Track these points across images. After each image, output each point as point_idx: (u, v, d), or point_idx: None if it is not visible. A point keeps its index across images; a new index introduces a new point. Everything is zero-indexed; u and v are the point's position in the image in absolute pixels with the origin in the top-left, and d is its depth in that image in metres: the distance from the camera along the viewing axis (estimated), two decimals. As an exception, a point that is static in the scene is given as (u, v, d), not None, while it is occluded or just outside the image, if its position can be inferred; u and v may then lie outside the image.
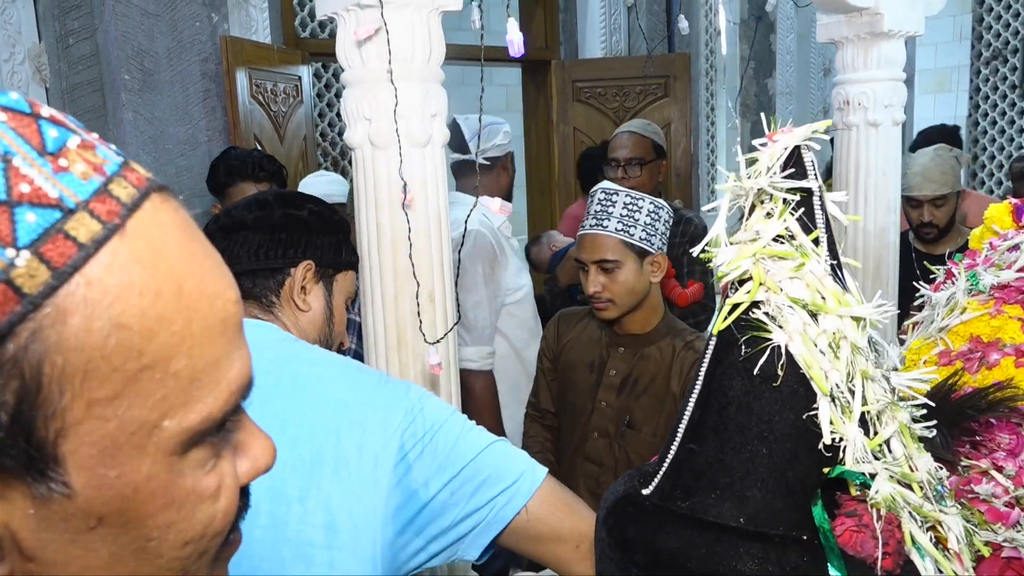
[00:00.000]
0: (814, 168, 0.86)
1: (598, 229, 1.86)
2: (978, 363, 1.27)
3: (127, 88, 3.39)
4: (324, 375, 1.10)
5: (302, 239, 1.22)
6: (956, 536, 0.78)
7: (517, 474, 1.08)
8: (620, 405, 1.90)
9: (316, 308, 1.24)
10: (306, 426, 1.04)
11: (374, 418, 1.05)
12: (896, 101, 2.02)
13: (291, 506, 1.00)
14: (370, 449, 1.03)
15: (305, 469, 1.01)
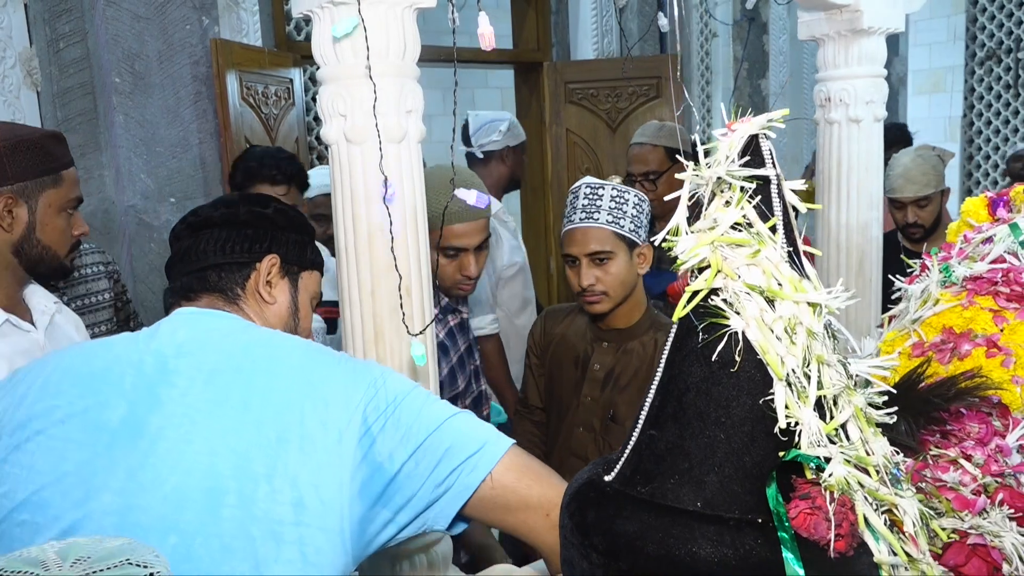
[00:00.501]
0: (772, 157, 0.87)
1: (589, 222, 1.87)
2: (950, 354, 1.28)
3: (118, 91, 3.40)
4: (286, 357, 1.12)
5: (267, 234, 1.25)
6: (912, 519, 0.79)
7: (480, 443, 1.10)
8: (604, 399, 1.92)
9: (281, 302, 1.25)
10: (270, 406, 1.06)
11: (337, 394, 1.07)
12: (877, 97, 2.03)
13: (258, 484, 1.01)
14: (334, 425, 1.05)
15: (271, 448, 1.03)
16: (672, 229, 0.88)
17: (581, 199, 1.89)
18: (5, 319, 1.58)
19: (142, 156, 3.44)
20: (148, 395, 1.08)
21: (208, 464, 1.03)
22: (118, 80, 3.39)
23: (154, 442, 1.04)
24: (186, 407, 1.06)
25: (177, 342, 1.13)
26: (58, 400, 1.08)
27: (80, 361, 1.14)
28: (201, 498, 1.01)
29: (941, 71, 8.22)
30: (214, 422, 1.05)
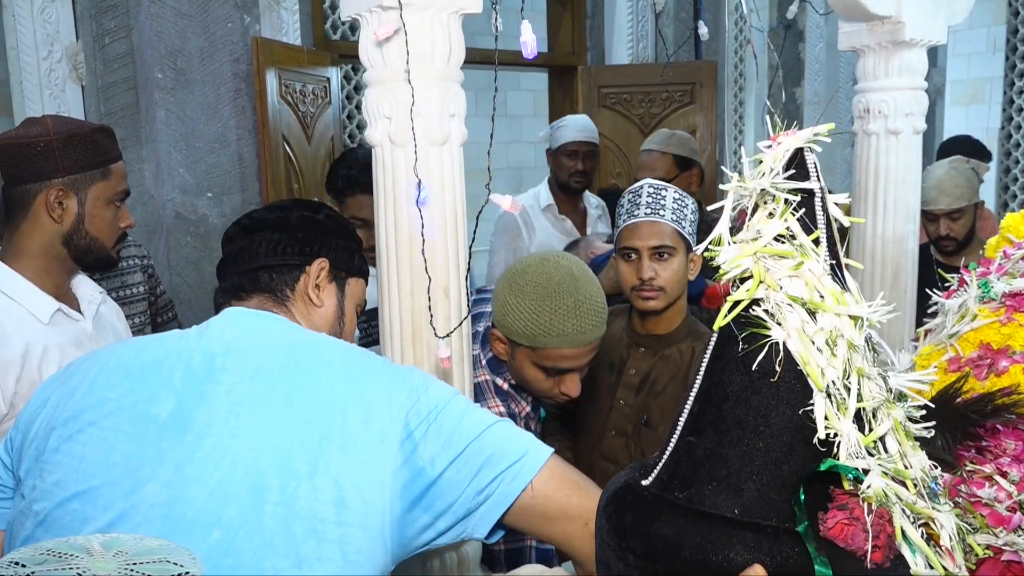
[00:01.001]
0: (816, 170, 0.87)
1: (655, 217, 1.88)
2: (987, 370, 1.28)
3: (160, 87, 3.46)
4: (330, 358, 1.14)
5: (318, 239, 1.28)
6: (948, 534, 0.80)
7: (521, 452, 1.11)
8: (638, 404, 1.92)
9: (328, 306, 1.28)
10: (313, 405, 1.08)
11: (379, 397, 1.09)
12: (917, 110, 2.02)
13: (301, 482, 1.03)
14: (376, 426, 1.07)
15: (313, 446, 1.05)
16: (715, 239, 0.89)
17: (644, 196, 1.90)
18: (57, 308, 1.62)
19: (181, 151, 3.50)
20: (196, 390, 1.10)
21: (252, 460, 1.05)
22: (160, 76, 3.46)
23: (200, 437, 1.07)
24: (231, 403, 1.09)
25: (225, 340, 1.16)
26: (109, 393, 1.11)
27: (132, 355, 1.17)
28: (245, 494, 1.04)
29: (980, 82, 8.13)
30: (258, 419, 1.08)
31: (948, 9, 2.03)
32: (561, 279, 1.61)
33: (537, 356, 1.64)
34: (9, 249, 1.62)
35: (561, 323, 1.59)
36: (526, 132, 7.73)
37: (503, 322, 1.63)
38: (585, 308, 1.62)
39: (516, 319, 1.61)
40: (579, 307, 1.61)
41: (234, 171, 3.61)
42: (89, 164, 1.62)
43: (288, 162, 3.68)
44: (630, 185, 2.01)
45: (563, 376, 1.68)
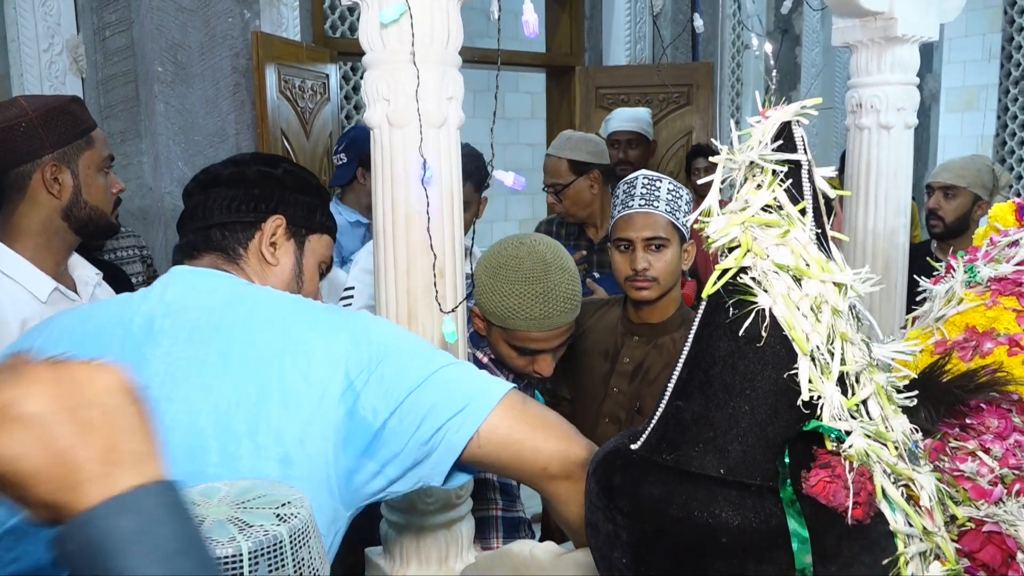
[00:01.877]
0: (803, 143, 0.90)
1: (649, 208, 1.89)
2: (972, 351, 1.30)
3: (160, 80, 3.48)
4: (268, 312, 1.12)
5: (274, 195, 1.24)
6: (928, 494, 0.82)
7: (466, 400, 1.08)
8: (631, 392, 1.95)
9: (285, 264, 1.25)
10: (249, 362, 1.06)
11: (318, 348, 1.07)
12: (908, 105, 2.05)
13: (241, 442, 1.02)
14: (317, 379, 1.05)
15: (251, 404, 1.03)
16: (705, 210, 0.91)
17: (639, 188, 1.92)
18: (55, 287, 1.64)
19: (180, 144, 3.52)
20: (135, 354, 1.09)
21: (189, 423, 1.03)
22: (160, 69, 3.48)
23: None
24: (167, 366, 1.07)
25: (166, 301, 1.14)
26: None
27: (77, 321, 1.16)
28: (184, 457, 1.01)
29: (975, 89, 8.18)
30: (193, 380, 1.06)
31: (940, 6, 2.06)
32: (533, 265, 1.66)
33: (508, 336, 1.70)
34: (7, 231, 1.63)
35: (529, 308, 1.65)
36: (524, 134, 7.76)
37: (480, 301, 1.70)
38: (554, 295, 1.66)
39: (490, 300, 1.67)
40: (547, 293, 1.66)
41: (233, 165, 3.62)
42: (73, 135, 1.64)
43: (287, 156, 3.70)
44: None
45: (535, 356, 1.73)
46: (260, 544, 0.77)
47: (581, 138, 3.00)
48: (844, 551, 0.77)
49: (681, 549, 0.80)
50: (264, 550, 0.77)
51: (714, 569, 0.78)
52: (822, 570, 0.76)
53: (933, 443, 1.01)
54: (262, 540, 0.77)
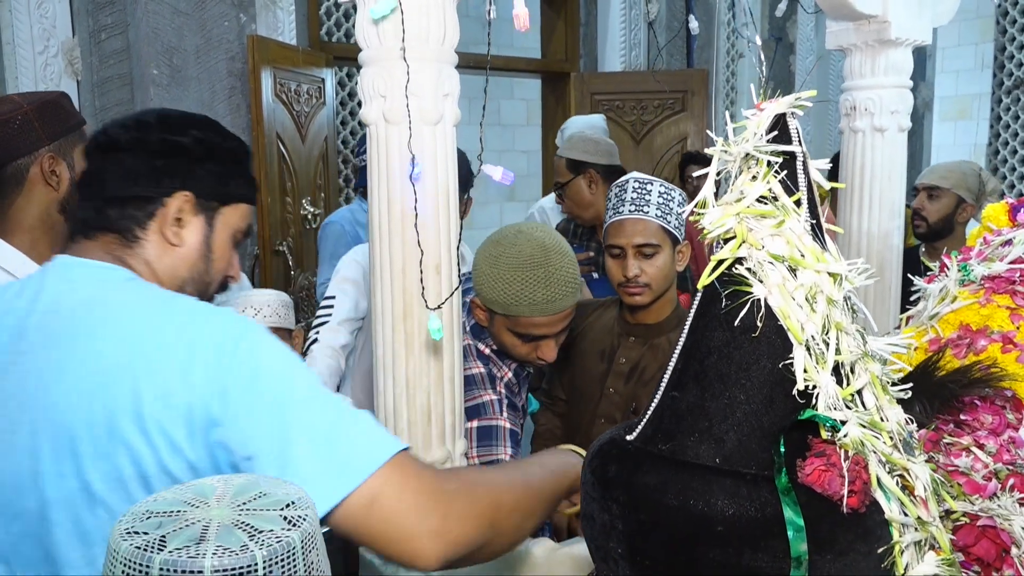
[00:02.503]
0: (798, 135, 0.90)
1: (639, 214, 1.89)
2: (966, 349, 1.31)
3: (155, 83, 3.49)
4: (123, 320, 0.99)
5: (181, 168, 1.10)
6: (923, 484, 0.82)
7: (318, 481, 0.94)
8: (627, 392, 1.95)
9: (191, 243, 1.12)
10: (96, 376, 0.95)
11: (176, 372, 0.94)
12: (902, 108, 2.06)
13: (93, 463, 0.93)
14: (178, 403, 0.94)
15: (100, 426, 0.93)
16: (700, 202, 0.91)
17: (630, 192, 1.92)
18: None
19: (176, 147, 3.51)
20: (6, 351, 1.02)
21: (31, 446, 0.95)
22: (156, 72, 3.48)
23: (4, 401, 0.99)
24: (22, 378, 0.99)
25: (41, 300, 1.04)
26: None
27: None
28: (31, 482, 0.95)
29: (968, 98, 8.21)
30: (41, 396, 0.96)
31: (933, 10, 2.07)
32: (533, 251, 1.67)
33: (512, 324, 1.70)
34: (3, 225, 1.63)
35: (532, 293, 1.66)
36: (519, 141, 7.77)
37: (481, 291, 1.70)
38: (556, 279, 1.67)
39: (492, 288, 1.68)
40: (549, 278, 1.67)
41: (228, 168, 3.62)
42: (67, 128, 1.65)
43: (282, 161, 3.70)
44: None
45: (539, 342, 1.74)
46: (274, 552, 0.75)
47: (580, 137, 3.02)
48: (839, 539, 0.77)
49: (676, 538, 0.80)
50: (278, 558, 0.75)
51: (709, 558, 0.78)
52: (817, 558, 0.76)
53: (928, 434, 1.01)
54: (276, 548, 0.75)
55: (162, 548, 0.73)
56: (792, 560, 0.76)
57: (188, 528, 0.76)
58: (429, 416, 1.42)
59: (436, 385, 1.42)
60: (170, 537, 0.74)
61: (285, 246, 3.70)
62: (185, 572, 0.71)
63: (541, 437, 2.14)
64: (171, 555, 0.73)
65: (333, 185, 4.20)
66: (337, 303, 2.28)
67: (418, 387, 1.40)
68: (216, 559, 0.73)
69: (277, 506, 0.81)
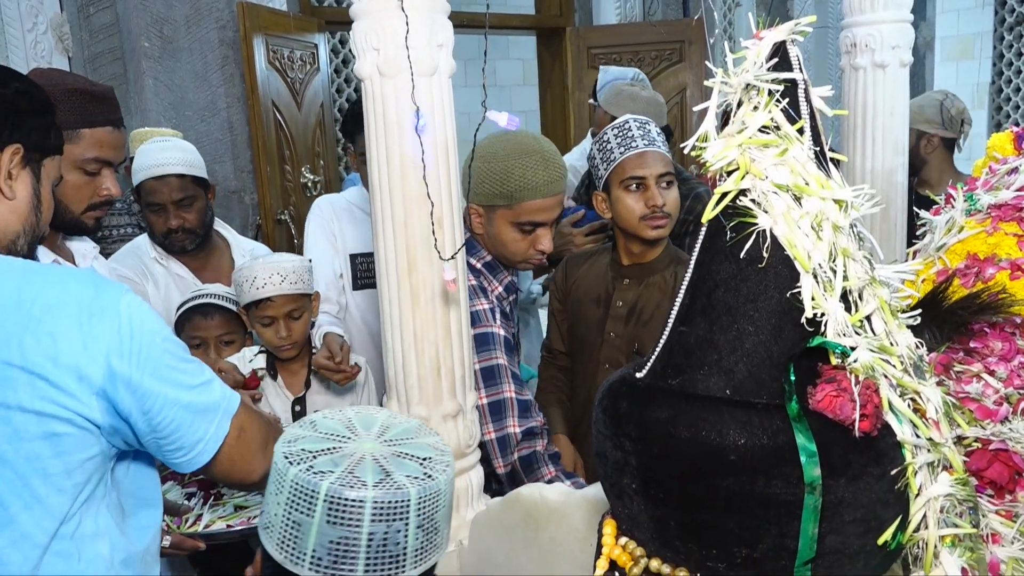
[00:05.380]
0: (799, 62, 0.89)
1: (653, 147, 1.95)
2: (974, 277, 1.30)
3: (147, 56, 3.45)
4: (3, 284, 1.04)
5: (8, 121, 1.11)
6: (935, 406, 0.82)
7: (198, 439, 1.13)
8: (628, 334, 1.96)
9: (22, 196, 1.15)
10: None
11: (67, 328, 1.02)
12: (903, 42, 2.03)
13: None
14: (69, 362, 1.01)
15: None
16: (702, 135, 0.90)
17: (635, 130, 1.96)
18: (53, 259, 1.64)
19: (171, 120, 3.50)
20: None
21: None
22: (147, 45, 3.44)
23: None
24: None
25: None
26: None
27: None
28: None
29: (970, 37, 8.10)
30: None
31: (932, -60, 2.02)
32: (524, 139, 1.82)
33: (514, 214, 1.82)
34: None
35: (533, 176, 1.79)
36: (516, 102, 7.71)
37: (480, 190, 1.82)
38: (551, 161, 1.82)
39: (492, 182, 1.80)
40: (546, 160, 1.81)
41: (225, 139, 3.60)
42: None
43: (279, 129, 3.68)
44: None
45: (536, 234, 1.84)
46: (425, 491, 0.85)
47: (630, 95, 2.77)
48: (852, 463, 0.77)
49: (690, 470, 0.80)
50: (428, 496, 0.86)
51: (723, 487, 0.78)
52: (831, 483, 0.77)
53: (938, 357, 1.01)
54: (389, 499, 0.84)
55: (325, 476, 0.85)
56: (806, 486, 0.76)
57: (347, 458, 0.86)
58: (439, 370, 1.42)
59: (444, 339, 1.42)
60: (332, 465, 0.85)
61: (287, 215, 3.69)
62: (349, 500, 0.81)
63: (544, 390, 2.15)
64: (335, 484, 0.83)
65: (332, 153, 4.18)
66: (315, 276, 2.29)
67: (426, 341, 1.40)
68: (376, 491, 0.83)
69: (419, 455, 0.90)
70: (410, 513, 0.84)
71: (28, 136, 1.14)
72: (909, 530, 0.81)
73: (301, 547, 0.83)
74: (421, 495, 0.85)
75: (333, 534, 0.82)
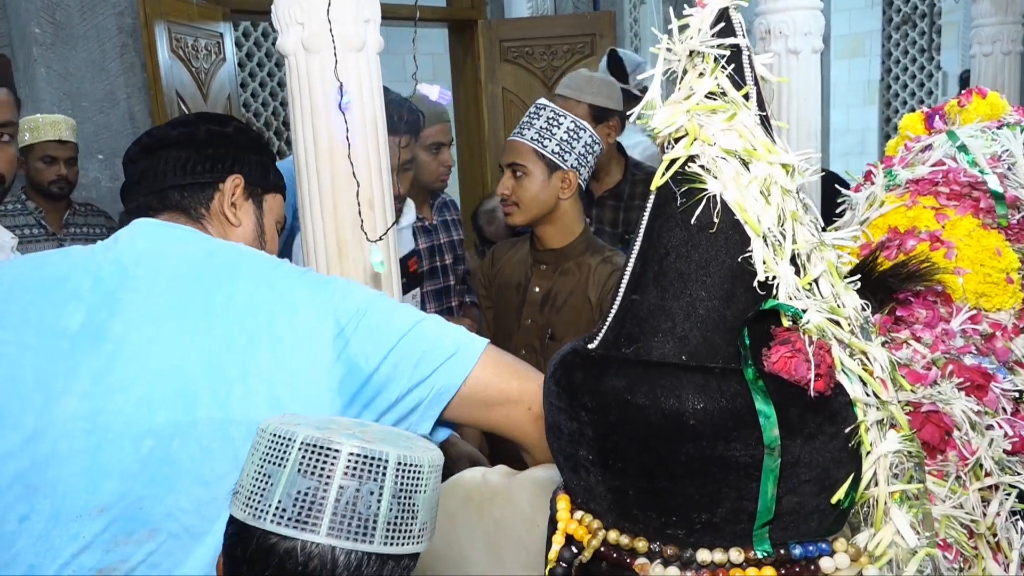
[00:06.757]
0: (742, 28, 0.89)
1: (517, 136, 2.01)
2: (896, 250, 1.34)
3: (38, 42, 3.26)
4: (247, 263, 1.12)
5: (229, 154, 1.21)
6: (881, 365, 0.84)
7: (455, 345, 1.11)
8: (543, 320, 2.00)
9: (247, 224, 1.23)
10: (234, 309, 1.05)
11: (303, 300, 1.08)
12: (815, 29, 2.10)
13: (233, 386, 1.02)
14: (304, 326, 1.06)
15: (240, 349, 1.03)
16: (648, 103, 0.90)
17: (525, 116, 2.02)
18: None
19: (67, 111, 3.30)
20: (108, 300, 1.06)
21: (177, 367, 1.02)
22: (38, 31, 3.25)
23: (119, 345, 1.03)
24: (148, 311, 1.05)
25: (137, 251, 1.11)
26: (10, 306, 1.06)
27: (31, 269, 1.11)
28: (174, 400, 1.01)
29: (860, 36, 8.47)
30: (178, 325, 1.04)
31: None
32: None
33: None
34: None
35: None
36: (426, 96, 7.65)
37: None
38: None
39: None
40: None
41: (126, 131, 3.43)
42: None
43: (184, 120, 3.52)
44: None
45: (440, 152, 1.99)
46: (406, 459, 0.83)
47: (603, 81, 2.70)
48: (808, 423, 0.78)
49: (649, 436, 0.79)
50: (408, 464, 0.83)
51: (683, 452, 0.78)
52: (788, 443, 0.77)
53: (882, 319, 1.03)
54: (408, 456, 0.83)
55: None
56: (765, 447, 0.76)
57: (329, 426, 0.87)
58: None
59: (377, 324, 1.38)
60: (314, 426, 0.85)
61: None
62: (324, 447, 0.80)
63: None
64: (313, 432, 0.82)
65: (240, 145, 4.04)
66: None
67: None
68: (353, 443, 0.81)
69: (399, 441, 0.89)
70: (386, 476, 0.81)
71: (248, 169, 1.22)
72: (860, 488, 0.82)
73: (267, 500, 0.80)
74: (400, 460, 0.82)
75: (302, 484, 0.79)
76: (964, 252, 1.30)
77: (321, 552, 0.79)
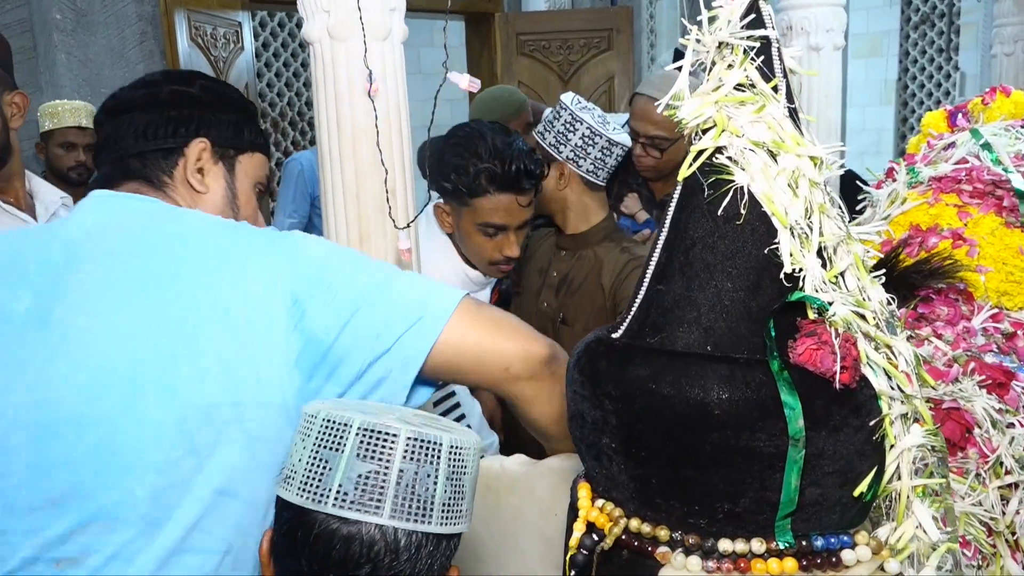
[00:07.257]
0: (771, 19, 0.89)
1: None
2: (917, 247, 1.34)
3: (59, 28, 3.28)
4: (194, 232, 1.05)
5: (194, 116, 1.14)
6: (906, 359, 0.84)
7: (421, 310, 1.04)
8: (557, 304, 2.01)
9: (215, 190, 1.16)
10: (180, 284, 0.99)
11: (255, 267, 1.01)
12: (837, 26, 2.09)
13: (180, 367, 0.96)
14: (258, 298, 0.99)
15: (187, 327, 0.97)
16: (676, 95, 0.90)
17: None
18: None
19: (86, 97, 3.33)
20: (54, 283, 1.01)
21: (122, 351, 0.96)
22: (59, 17, 3.27)
23: (64, 332, 0.98)
24: (91, 292, 0.99)
25: (85, 227, 1.05)
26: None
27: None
28: (119, 386, 0.96)
29: (878, 35, 8.42)
30: (122, 306, 0.98)
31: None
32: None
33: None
34: None
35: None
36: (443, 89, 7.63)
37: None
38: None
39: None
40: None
41: (144, 118, 3.45)
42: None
43: (202, 108, 3.55)
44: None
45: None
46: (418, 437, 0.84)
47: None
48: (834, 415, 0.78)
49: (673, 426, 0.79)
50: (458, 447, 0.86)
51: (708, 442, 0.78)
52: (813, 435, 0.77)
53: (907, 312, 1.03)
54: (421, 437, 0.84)
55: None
56: (790, 439, 0.77)
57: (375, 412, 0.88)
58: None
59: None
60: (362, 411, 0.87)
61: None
62: (383, 432, 0.83)
63: None
64: (367, 417, 0.84)
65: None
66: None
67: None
68: (409, 428, 0.83)
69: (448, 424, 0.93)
70: (441, 459, 0.83)
71: (216, 131, 1.15)
72: (883, 481, 0.83)
73: (326, 484, 0.82)
74: (452, 443, 0.85)
75: (362, 468, 0.82)
76: (986, 250, 1.30)
77: (384, 534, 0.82)
